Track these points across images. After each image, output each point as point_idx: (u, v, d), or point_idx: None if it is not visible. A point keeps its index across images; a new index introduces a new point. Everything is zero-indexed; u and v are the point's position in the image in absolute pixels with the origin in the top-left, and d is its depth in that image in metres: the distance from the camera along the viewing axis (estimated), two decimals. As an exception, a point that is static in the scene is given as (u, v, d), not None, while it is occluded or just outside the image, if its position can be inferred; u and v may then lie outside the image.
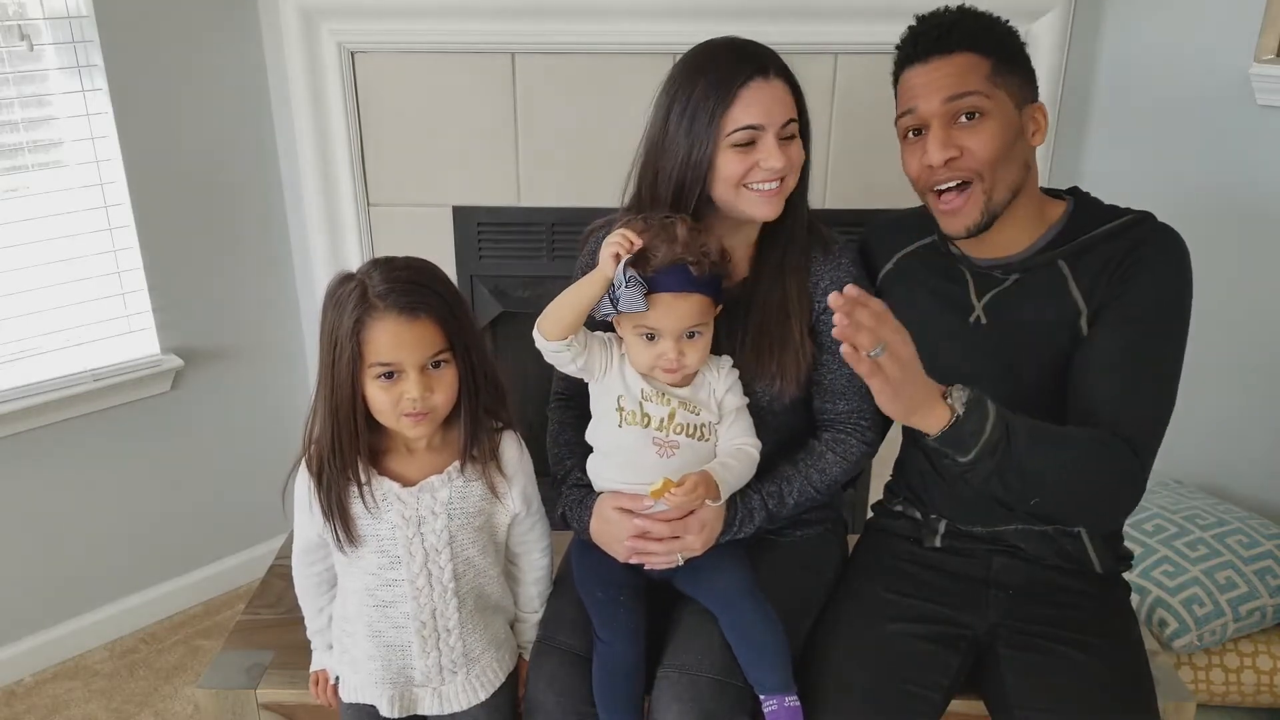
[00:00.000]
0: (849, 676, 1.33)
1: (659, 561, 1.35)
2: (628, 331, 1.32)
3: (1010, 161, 1.27)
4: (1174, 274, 1.27)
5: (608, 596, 1.35)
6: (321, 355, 1.23)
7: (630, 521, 1.34)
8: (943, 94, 1.26)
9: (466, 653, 1.32)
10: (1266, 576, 1.93)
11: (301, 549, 1.33)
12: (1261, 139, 1.99)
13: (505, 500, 1.32)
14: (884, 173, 2.14)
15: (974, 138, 1.26)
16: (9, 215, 2.02)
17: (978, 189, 1.27)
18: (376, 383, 1.20)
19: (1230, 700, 1.97)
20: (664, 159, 1.35)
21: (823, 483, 1.43)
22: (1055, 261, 1.31)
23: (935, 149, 1.26)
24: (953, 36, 1.26)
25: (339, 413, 1.21)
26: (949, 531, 1.44)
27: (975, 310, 1.36)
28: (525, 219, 2.22)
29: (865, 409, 1.43)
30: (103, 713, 2.12)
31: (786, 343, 1.39)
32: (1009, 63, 1.27)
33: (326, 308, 1.22)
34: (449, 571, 1.28)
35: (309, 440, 1.26)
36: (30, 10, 1.94)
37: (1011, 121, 1.27)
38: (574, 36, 2.04)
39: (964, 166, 1.27)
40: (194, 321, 2.27)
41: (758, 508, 1.41)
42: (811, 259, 1.42)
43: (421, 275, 1.22)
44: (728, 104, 1.29)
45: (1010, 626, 1.38)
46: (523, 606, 1.42)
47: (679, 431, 1.33)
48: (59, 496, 2.20)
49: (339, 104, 2.11)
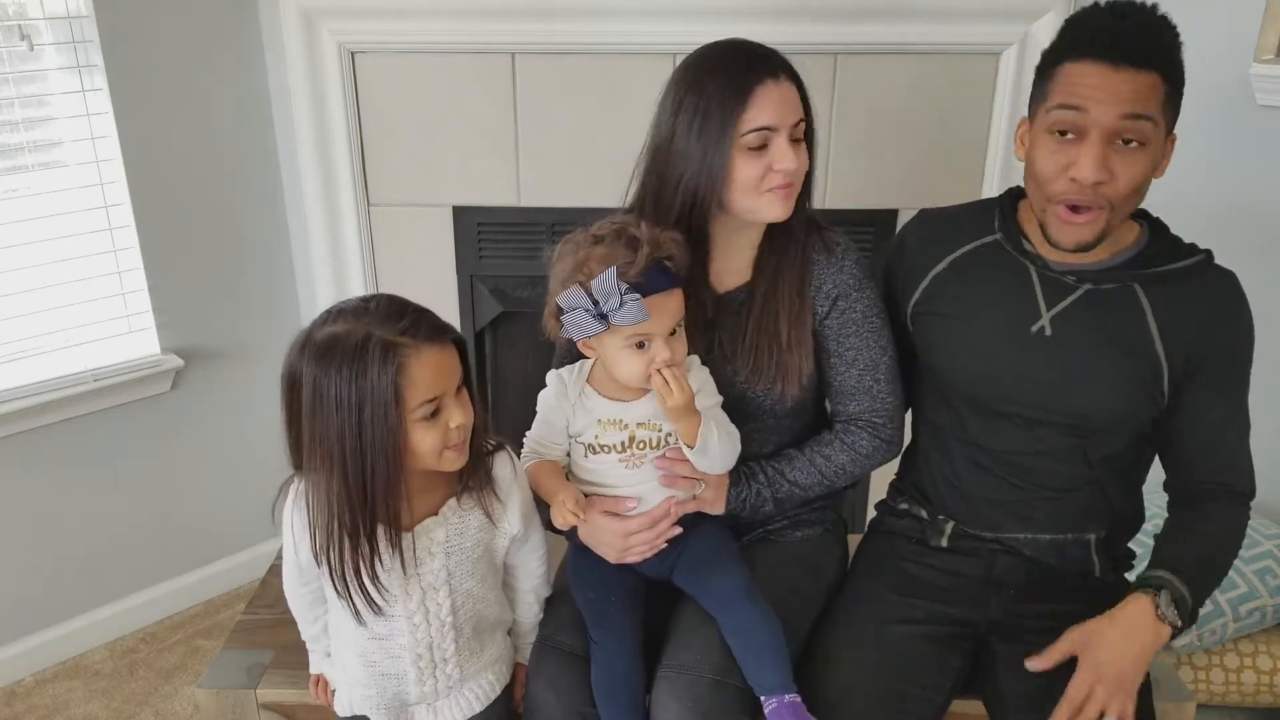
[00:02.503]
0: (851, 677, 1.32)
1: (647, 551, 1.34)
2: (613, 348, 1.26)
3: (1140, 193, 1.22)
4: (1247, 332, 1.30)
5: (599, 597, 1.35)
6: (325, 427, 1.10)
7: (616, 524, 1.33)
8: (1123, 109, 1.15)
9: (463, 675, 1.30)
10: (1266, 576, 1.93)
11: (292, 573, 1.28)
12: (1261, 139, 1.99)
13: (503, 524, 1.28)
14: (884, 172, 2.16)
15: (1126, 166, 1.18)
16: (9, 215, 2.02)
17: (1103, 215, 1.21)
18: (421, 425, 1.12)
19: (1230, 700, 1.97)
20: (673, 165, 1.32)
21: (829, 468, 1.43)
22: (1131, 284, 1.28)
23: (1091, 167, 1.17)
24: (1155, 51, 1.16)
25: (373, 481, 1.11)
26: (956, 533, 1.44)
27: (1042, 319, 1.31)
28: (525, 219, 2.22)
29: (878, 409, 1.41)
30: (103, 713, 2.12)
31: (785, 344, 1.38)
32: (1179, 93, 1.19)
33: (320, 380, 1.09)
34: (446, 607, 1.25)
35: (318, 523, 1.16)
36: (30, 10, 1.94)
37: (1155, 156, 1.20)
38: (574, 36, 2.04)
39: (1105, 193, 1.19)
40: (194, 321, 2.27)
41: (758, 470, 1.41)
42: (813, 260, 1.40)
43: (403, 300, 1.16)
44: (742, 106, 1.27)
45: (1009, 624, 1.39)
46: (520, 613, 1.40)
47: (642, 447, 1.32)
48: (59, 496, 2.20)
49: (339, 104, 2.11)
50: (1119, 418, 1.31)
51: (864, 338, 1.40)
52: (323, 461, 1.12)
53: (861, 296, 1.40)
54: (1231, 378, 1.30)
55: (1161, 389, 1.29)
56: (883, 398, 1.41)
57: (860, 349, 1.40)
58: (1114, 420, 1.32)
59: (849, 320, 1.39)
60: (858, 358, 1.40)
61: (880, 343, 1.41)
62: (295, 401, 1.13)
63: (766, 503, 1.42)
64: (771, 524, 1.50)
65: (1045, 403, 1.31)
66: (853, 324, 1.40)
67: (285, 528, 1.24)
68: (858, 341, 1.40)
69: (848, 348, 1.40)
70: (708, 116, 1.29)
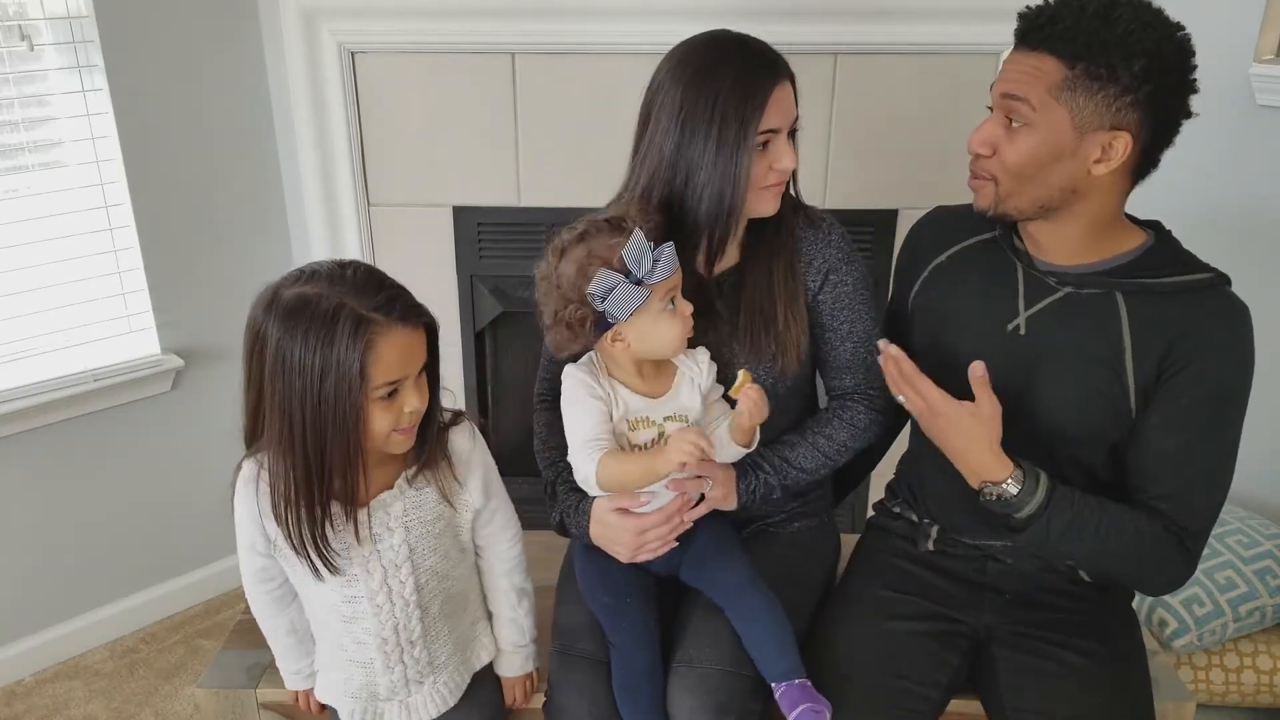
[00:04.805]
0: (848, 673, 1.33)
1: (660, 549, 1.34)
2: (650, 317, 1.23)
3: (1039, 182, 1.20)
4: (1236, 364, 1.20)
5: (616, 600, 1.35)
6: (287, 393, 1.08)
7: (629, 522, 1.33)
8: (1003, 88, 1.19)
9: (432, 660, 1.28)
10: (1266, 576, 1.93)
11: (253, 579, 1.27)
12: (1261, 139, 1.99)
13: (462, 498, 1.26)
14: (884, 172, 2.16)
15: (1008, 144, 1.20)
16: (9, 215, 2.02)
17: (990, 187, 1.24)
18: (378, 404, 1.10)
19: (1230, 700, 1.97)
20: (685, 172, 1.31)
21: (830, 448, 1.44)
22: (1113, 292, 1.24)
23: (975, 139, 1.23)
24: (1043, 34, 1.15)
25: (326, 450, 1.09)
26: (941, 538, 1.43)
27: (1018, 319, 1.30)
28: (525, 219, 2.22)
29: (873, 380, 1.42)
30: (103, 713, 2.12)
31: (781, 320, 1.39)
32: (1096, 81, 1.13)
33: (284, 342, 1.07)
34: (410, 585, 1.23)
35: (273, 486, 1.16)
36: (30, 10, 1.94)
37: (1056, 142, 1.17)
38: (574, 36, 2.04)
39: (986, 166, 1.23)
40: (194, 321, 2.27)
41: (763, 461, 1.41)
42: (801, 237, 1.41)
43: (381, 273, 1.13)
44: (761, 112, 1.27)
45: (1007, 629, 1.38)
46: (499, 607, 1.36)
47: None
48: (59, 496, 2.20)
49: (339, 104, 2.11)
50: (1080, 428, 1.27)
51: (856, 310, 1.42)
52: (282, 425, 1.10)
53: (851, 270, 1.42)
54: (1204, 411, 1.21)
55: (1129, 404, 1.24)
56: (876, 370, 1.37)
57: (854, 322, 1.42)
58: (1076, 430, 1.27)
59: (841, 294, 1.41)
60: (852, 330, 1.42)
61: (873, 314, 1.43)
62: (258, 361, 1.11)
63: (775, 490, 1.43)
64: (770, 517, 1.51)
65: (1011, 404, 1.26)
66: (845, 298, 1.41)
67: (238, 518, 1.22)
68: (851, 315, 1.42)
69: (841, 321, 1.42)
70: (725, 123, 1.27)
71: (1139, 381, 1.22)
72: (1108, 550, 1.24)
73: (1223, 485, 1.25)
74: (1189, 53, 1.15)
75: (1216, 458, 1.24)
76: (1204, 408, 1.21)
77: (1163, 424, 1.22)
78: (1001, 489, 1.21)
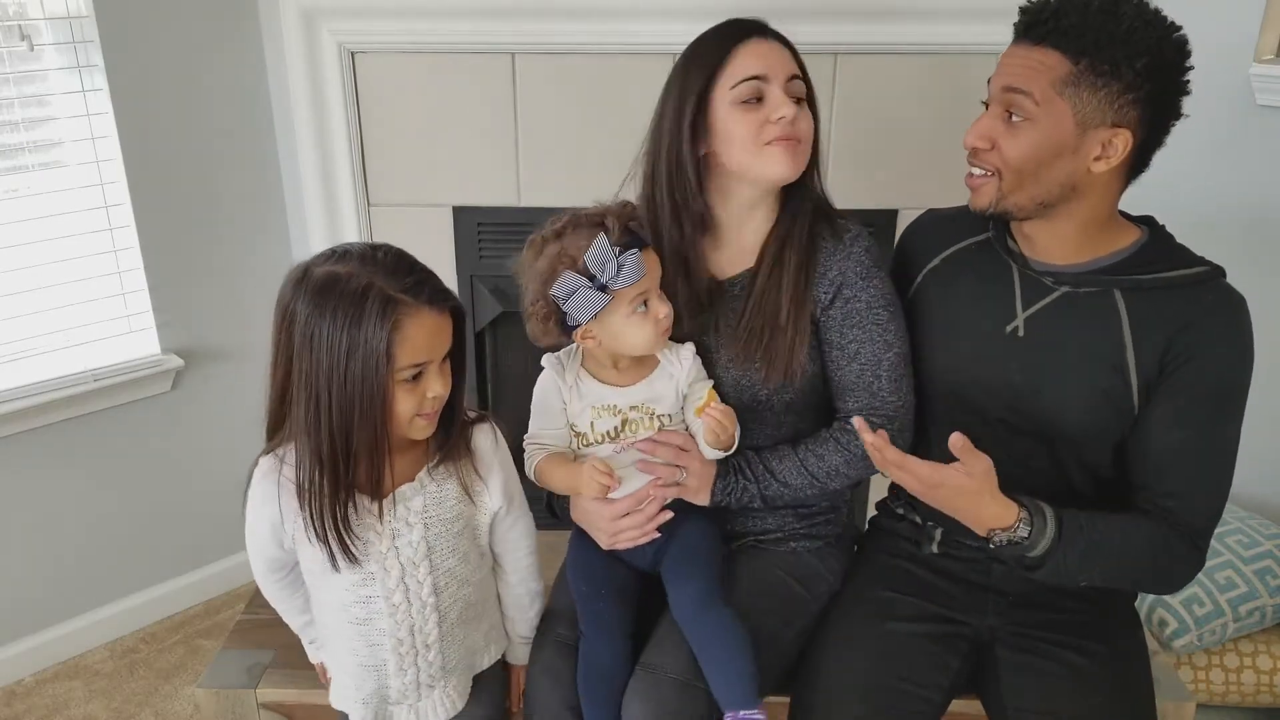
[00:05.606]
0: (848, 674, 1.33)
1: (639, 537, 1.33)
2: (619, 319, 1.25)
3: (1041, 178, 1.19)
4: (1237, 358, 1.21)
5: (591, 590, 1.35)
6: (314, 370, 1.08)
7: (604, 508, 1.33)
8: (1003, 81, 1.18)
9: (444, 665, 1.28)
10: (1266, 576, 1.93)
11: (263, 570, 1.27)
12: (1261, 139, 1.99)
13: (483, 497, 1.26)
14: (884, 173, 2.16)
15: (1008, 138, 1.19)
16: (9, 215, 2.02)
17: (992, 183, 1.22)
18: (402, 387, 1.10)
19: (1230, 700, 1.97)
20: (660, 140, 1.32)
21: (820, 469, 1.37)
22: (1111, 290, 1.24)
23: (971, 133, 1.22)
24: (1047, 28, 1.15)
25: (352, 430, 1.09)
26: (945, 540, 1.43)
27: (1016, 320, 1.29)
28: (525, 219, 2.21)
29: (877, 407, 1.35)
30: (103, 713, 2.12)
31: (775, 330, 1.33)
32: (1100, 77, 1.13)
33: (312, 319, 1.08)
34: (428, 586, 1.22)
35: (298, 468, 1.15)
36: (30, 10, 1.94)
37: (1058, 138, 1.16)
38: (574, 36, 2.04)
39: (987, 160, 1.22)
40: (194, 321, 2.27)
41: (746, 467, 1.38)
42: (820, 247, 1.35)
43: (411, 257, 1.14)
44: (724, 59, 1.26)
45: (1009, 630, 1.38)
46: (513, 613, 1.38)
47: (634, 429, 1.32)
48: (59, 496, 2.20)
49: (339, 104, 2.11)
50: (1084, 427, 1.26)
51: (867, 330, 1.33)
52: (308, 404, 1.10)
53: (867, 286, 1.33)
54: (1206, 405, 1.21)
55: (1131, 401, 1.24)
56: (883, 396, 1.34)
57: (863, 342, 1.34)
58: (1080, 430, 1.27)
59: (852, 311, 1.34)
60: (859, 351, 1.34)
61: (885, 337, 1.34)
62: (286, 337, 1.11)
63: (755, 499, 1.39)
64: (765, 534, 1.47)
65: (1014, 406, 1.26)
66: (856, 315, 1.34)
67: (250, 507, 1.21)
68: (860, 334, 1.33)
69: (849, 340, 1.34)
70: (688, 77, 1.28)
71: (1142, 377, 1.22)
72: (1124, 564, 1.24)
73: (1227, 479, 1.25)
74: (1186, 54, 1.16)
75: (1221, 450, 1.24)
76: (1208, 401, 1.21)
77: (1167, 418, 1.22)
78: (1013, 533, 1.20)
